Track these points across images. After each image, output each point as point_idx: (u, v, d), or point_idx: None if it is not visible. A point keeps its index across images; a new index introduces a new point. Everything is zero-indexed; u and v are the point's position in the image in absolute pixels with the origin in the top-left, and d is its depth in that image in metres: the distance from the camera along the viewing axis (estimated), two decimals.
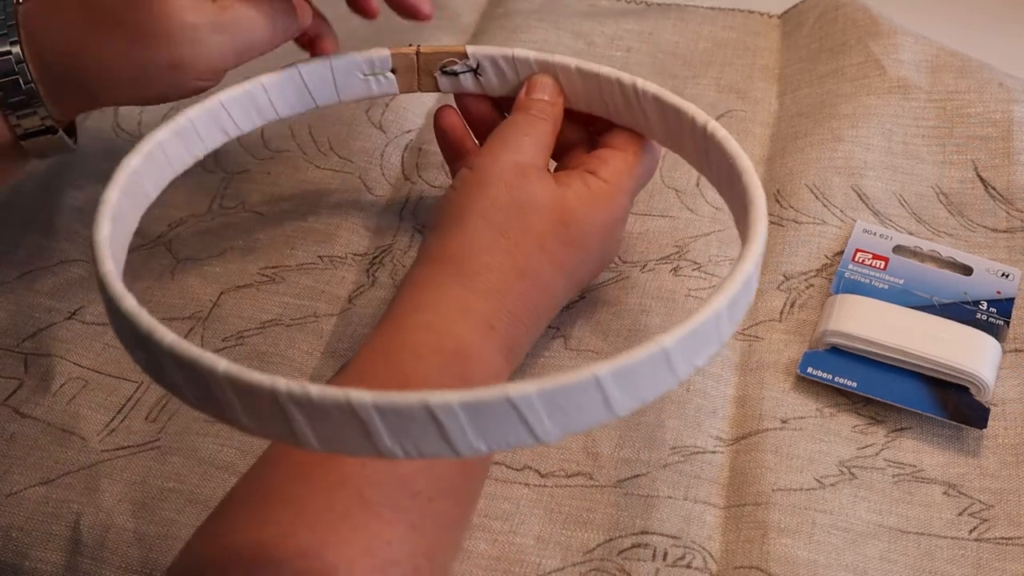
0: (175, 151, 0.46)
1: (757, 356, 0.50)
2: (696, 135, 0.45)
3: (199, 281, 0.55)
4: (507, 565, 0.44)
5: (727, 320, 0.36)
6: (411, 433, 0.30)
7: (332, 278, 0.55)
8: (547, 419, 0.31)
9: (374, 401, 0.29)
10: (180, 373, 0.33)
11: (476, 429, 0.30)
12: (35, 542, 0.46)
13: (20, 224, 0.59)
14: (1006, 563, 0.43)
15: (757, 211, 0.39)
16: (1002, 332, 0.50)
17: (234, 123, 0.49)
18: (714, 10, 0.70)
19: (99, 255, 0.38)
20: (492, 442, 0.31)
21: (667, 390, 0.34)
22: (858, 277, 0.52)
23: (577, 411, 0.31)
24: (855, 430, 0.47)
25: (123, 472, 0.48)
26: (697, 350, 0.34)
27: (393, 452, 0.31)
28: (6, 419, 0.50)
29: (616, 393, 0.32)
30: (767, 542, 0.43)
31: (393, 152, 0.61)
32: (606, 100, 0.48)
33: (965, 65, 0.61)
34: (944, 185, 0.56)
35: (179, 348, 0.33)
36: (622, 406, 0.32)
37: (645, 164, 0.48)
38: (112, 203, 0.41)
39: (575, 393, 0.31)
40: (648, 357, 0.32)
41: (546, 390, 0.30)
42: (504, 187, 0.45)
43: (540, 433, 0.31)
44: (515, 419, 0.30)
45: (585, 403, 0.31)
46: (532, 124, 0.47)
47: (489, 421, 0.30)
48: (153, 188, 0.45)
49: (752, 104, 0.63)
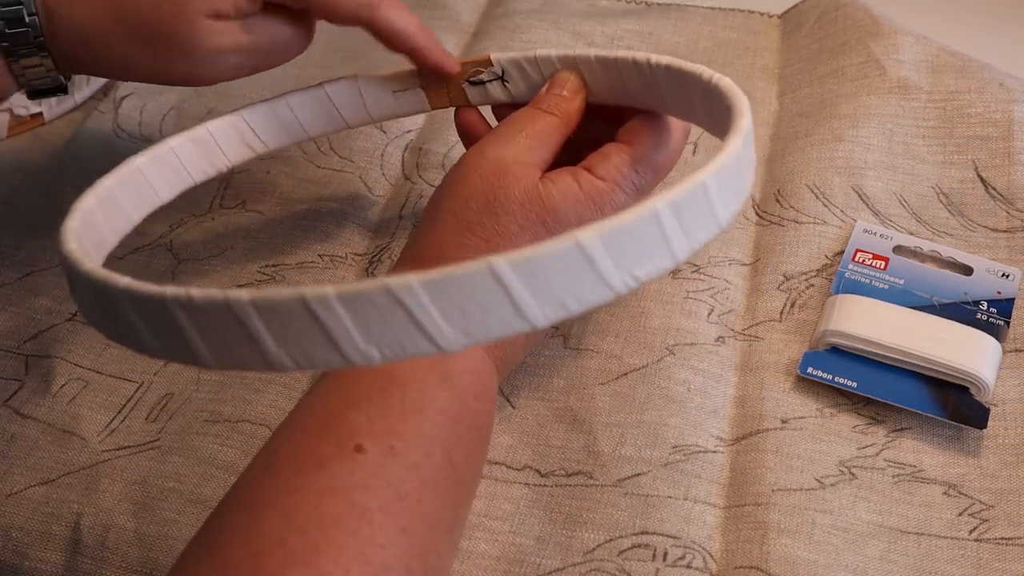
0: (190, 157, 0.48)
1: (757, 356, 0.50)
2: (704, 94, 0.42)
3: (199, 281, 0.55)
4: (507, 565, 0.44)
5: (673, 223, 0.31)
6: (294, 336, 0.28)
7: (332, 277, 0.55)
8: (441, 318, 0.28)
9: (251, 299, 0.28)
10: (96, 304, 0.32)
11: (362, 330, 0.28)
12: (35, 542, 0.47)
13: (21, 225, 0.59)
14: (1006, 563, 0.43)
15: (739, 109, 0.37)
16: (1002, 332, 0.50)
17: (259, 139, 0.50)
18: (714, 10, 0.70)
19: (67, 224, 0.38)
20: (384, 347, 0.28)
21: (598, 299, 0.29)
22: (858, 277, 0.52)
23: (478, 311, 0.28)
24: (855, 430, 0.47)
25: (123, 472, 0.48)
26: (634, 252, 0.30)
27: (281, 361, 0.29)
28: (7, 420, 0.50)
29: (523, 292, 0.28)
30: (767, 542, 0.43)
31: (393, 152, 0.61)
32: (627, 85, 0.46)
33: (965, 65, 0.61)
34: (944, 185, 0.56)
35: (94, 274, 0.32)
36: (535, 312, 0.28)
37: (657, 157, 0.45)
38: (102, 186, 0.42)
39: (468, 287, 0.27)
40: (561, 251, 0.28)
41: (431, 280, 0.27)
42: (480, 184, 0.43)
43: (436, 336, 0.28)
44: (403, 317, 0.27)
45: (486, 301, 0.28)
46: (533, 120, 0.46)
47: (374, 319, 0.28)
48: (166, 191, 0.47)
49: (752, 104, 0.63)
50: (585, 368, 0.50)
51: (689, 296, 0.53)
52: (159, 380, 0.51)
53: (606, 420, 0.48)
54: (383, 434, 0.38)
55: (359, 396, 0.39)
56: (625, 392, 0.49)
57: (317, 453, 0.37)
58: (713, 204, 0.33)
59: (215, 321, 0.29)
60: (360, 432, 0.37)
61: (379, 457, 0.37)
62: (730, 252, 0.55)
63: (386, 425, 0.38)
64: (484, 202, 0.43)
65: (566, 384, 0.50)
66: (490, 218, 0.43)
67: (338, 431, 0.38)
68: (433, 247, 0.43)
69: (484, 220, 0.43)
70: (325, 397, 0.40)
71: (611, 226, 0.29)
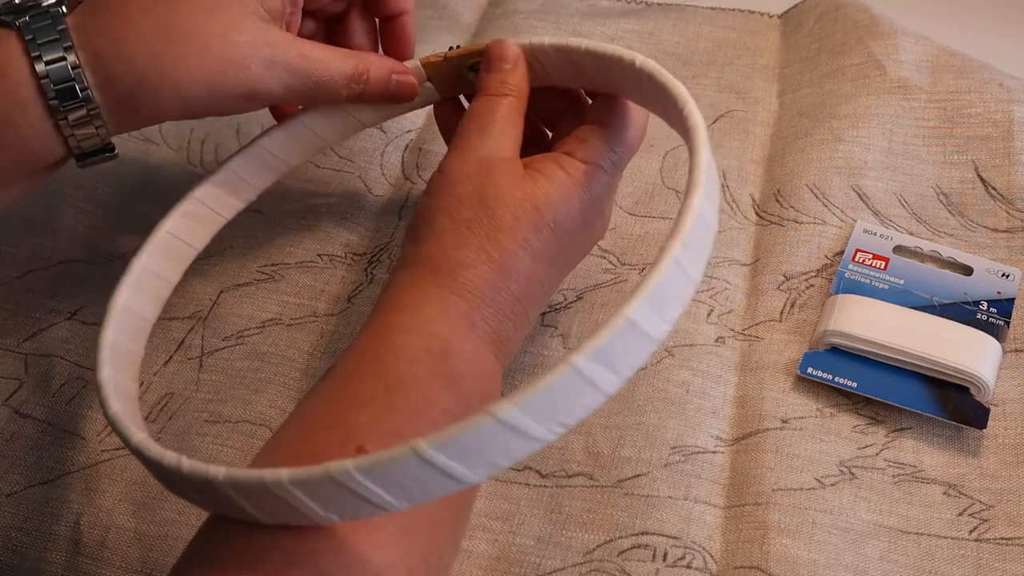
0: (218, 201, 0.50)
1: (757, 356, 0.50)
2: (630, 74, 0.44)
3: (199, 280, 0.55)
4: (507, 565, 0.44)
5: (594, 371, 0.32)
6: (269, 507, 0.33)
7: (332, 277, 0.55)
8: (384, 492, 0.31)
9: (225, 478, 0.33)
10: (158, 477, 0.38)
11: (320, 504, 0.32)
12: (35, 542, 0.47)
13: (20, 224, 0.59)
14: (1006, 563, 0.43)
15: (698, 140, 0.38)
16: (1002, 332, 0.50)
17: (280, 160, 0.51)
18: (714, 10, 0.70)
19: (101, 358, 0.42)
20: (343, 513, 0.33)
21: (530, 451, 0.32)
22: (858, 277, 0.52)
23: (415, 484, 0.31)
24: (855, 430, 0.47)
25: (123, 472, 0.48)
26: (558, 407, 0.32)
27: (262, 518, 0.34)
28: (6, 419, 0.50)
29: (451, 464, 0.31)
30: (767, 542, 0.43)
31: (393, 152, 0.61)
32: (579, 70, 0.47)
33: (966, 65, 0.61)
34: (944, 185, 0.56)
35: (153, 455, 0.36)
36: (468, 474, 0.31)
37: (628, 134, 0.47)
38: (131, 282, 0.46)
39: (401, 469, 0.31)
40: (479, 426, 0.30)
41: (365, 466, 0.31)
42: (470, 184, 0.44)
43: (382, 503, 0.32)
44: (350, 496, 0.32)
45: (420, 476, 0.31)
46: (492, 110, 0.46)
47: (328, 497, 0.32)
48: (199, 241, 0.49)
49: (752, 104, 0.63)
50: None
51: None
52: (159, 380, 0.51)
53: (605, 422, 0.48)
54: (385, 435, 0.37)
55: (363, 397, 0.39)
56: (624, 394, 0.49)
57: (318, 453, 0.37)
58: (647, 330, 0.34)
59: (207, 495, 0.35)
60: (362, 433, 0.37)
61: None
62: (730, 252, 0.55)
63: (389, 426, 0.38)
64: (477, 200, 0.44)
65: None
66: (486, 214, 0.43)
67: (340, 431, 0.38)
68: (437, 248, 0.43)
69: (480, 216, 0.43)
70: (329, 397, 0.40)
71: (527, 395, 0.30)
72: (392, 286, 0.44)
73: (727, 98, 0.63)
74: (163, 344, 0.53)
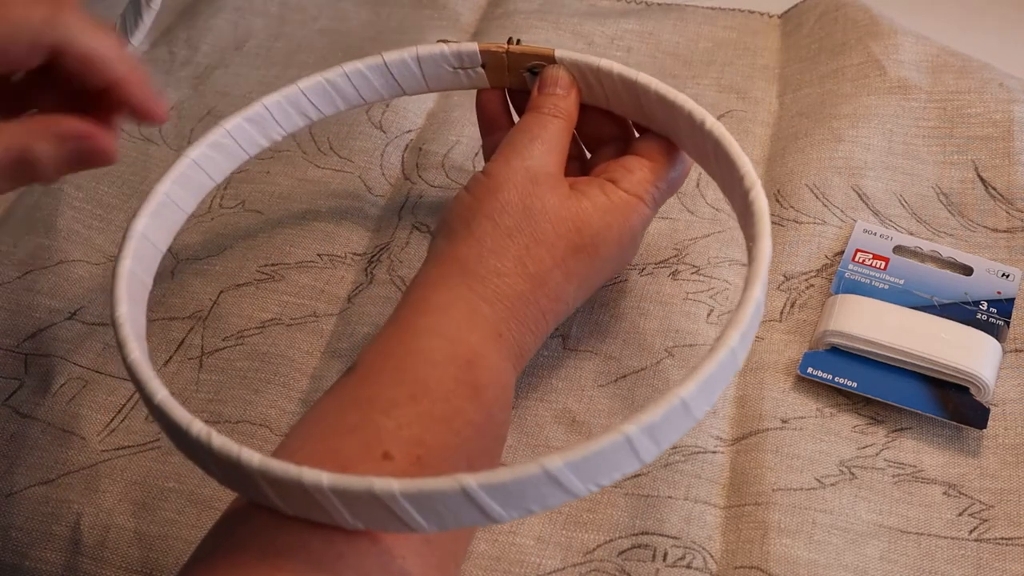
0: (245, 137, 0.49)
1: (757, 356, 0.50)
2: (696, 133, 0.45)
3: (199, 280, 0.55)
4: (507, 566, 0.44)
5: (646, 444, 0.34)
6: (299, 506, 0.34)
7: (332, 277, 0.55)
8: (418, 515, 0.33)
9: (261, 470, 0.33)
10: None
11: (351, 512, 0.33)
12: (35, 542, 0.47)
13: (20, 224, 0.59)
14: (1006, 563, 0.43)
15: (762, 228, 0.40)
16: (1002, 332, 0.50)
17: (315, 108, 0.51)
18: (714, 10, 0.70)
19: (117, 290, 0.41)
20: (370, 523, 0.34)
21: (564, 501, 0.34)
22: (858, 277, 0.52)
23: (451, 515, 0.33)
24: (855, 430, 0.47)
25: (123, 472, 0.48)
26: (599, 468, 0.33)
27: (289, 511, 0.35)
28: (6, 419, 0.50)
29: (491, 504, 0.32)
30: (767, 542, 0.43)
31: (393, 152, 0.61)
32: (641, 107, 0.47)
33: (966, 65, 0.61)
34: (944, 185, 0.56)
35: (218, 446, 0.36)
36: (501, 513, 0.33)
37: (673, 174, 0.47)
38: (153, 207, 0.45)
39: (443, 500, 0.32)
40: (525, 475, 0.32)
41: (410, 492, 0.32)
42: (515, 192, 0.44)
43: (412, 524, 0.33)
44: (386, 513, 0.33)
45: (458, 510, 0.33)
46: (543, 126, 0.46)
47: (362, 509, 0.33)
48: (219, 174, 0.49)
49: (752, 104, 0.63)
50: (584, 370, 0.50)
51: (688, 297, 0.53)
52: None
53: (605, 422, 0.48)
54: (411, 443, 0.37)
55: (387, 401, 0.39)
56: (624, 394, 0.49)
57: (341, 455, 0.37)
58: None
59: (230, 474, 0.35)
60: (387, 439, 0.37)
61: (406, 466, 0.37)
62: (730, 252, 0.55)
63: (414, 434, 0.37)
64: (521, 209, 0.44)
65: (565, 385, 0.50)
66: (529, 225, 0.44)
67: (364, 435, 0.37)
68: (474, 250, 0.44)
69: (523, 226, 0.44)
70: (351, 397, 0.40)
71: (580, 454, 0.32)
72: (421, 283, 0.44)
73: (727, 98, 0.63)
74: (163, 344, 0.53)
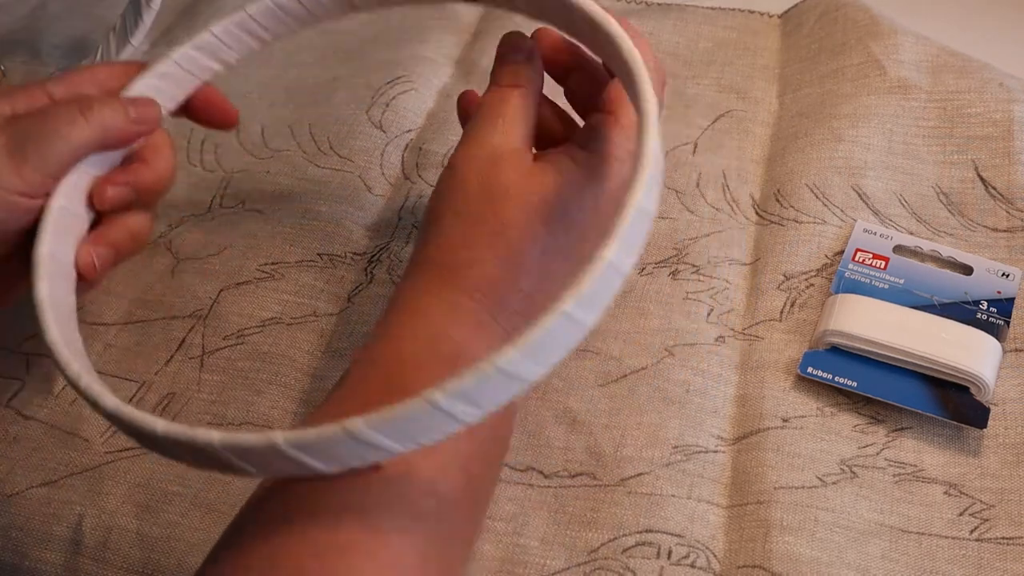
0: (195, 64, 0.48)
1: (757, 356, 0.51)
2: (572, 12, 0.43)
3: (199, 279, 0.55)
4: (511, 567, 0.44)
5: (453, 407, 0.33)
6: (260, 466, 0.35)
7: (332, 277, 0.55)
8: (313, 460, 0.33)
9: (221, 443, 0.34)
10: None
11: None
12: (36, 542, 0.46)
13: None
14: (1007, 563, 0.43)
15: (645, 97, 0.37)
16: (1002, 332, 0.50)
17: (265, 29, 0.49)
18: (714, 10, 0.70)
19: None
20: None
21: (450, 432, 0.33)
22: (858, 277, 0.52)
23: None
24: (856, 429, 0.48)
25: (126, 474, 0.48)
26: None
27: (247, 472, 0.35)
28: (9, 420, 0.50)
29: (382, 439, 0.33)
30: (770, 540, 0.44)
31: (393, 152, 0.61)
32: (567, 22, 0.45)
33: (966, 65, 0.61)
34: (944, 185, 0.56)
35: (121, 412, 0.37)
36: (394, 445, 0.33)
37: (633, 116, 0.44)
38: None
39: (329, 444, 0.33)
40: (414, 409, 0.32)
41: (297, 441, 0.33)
42: (475, 178, 0.42)
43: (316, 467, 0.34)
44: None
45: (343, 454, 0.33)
46: (503, 100, 0.44)
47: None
48: (171, 102, 0.48)
49: (752, 104, 0.63)
50: (584, 369, 0.50)
51: (688, 297, 0.53)
52: (160, 380, 0.51)
53: (606, 422, 0.48)
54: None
55: (372, 410, 0.38)
56: (624, 394, 0.49)
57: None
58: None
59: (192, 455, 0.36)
60: None
61: (396, 475, 0.36)
62: (730, 252, 0.55)
63: None
64: (483, 194, 0.42)
65: (565, 385, 0.50)
66: (492, 208, 0.42)
67: None
68: (444, 246, 0.42)
69: (486, 212, 0.42)
70: (337, 411, 0.39)
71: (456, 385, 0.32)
72: (401, 288, 0.43)
73: (727, 98, 0.63)
74: (164, 343, 0.53)
